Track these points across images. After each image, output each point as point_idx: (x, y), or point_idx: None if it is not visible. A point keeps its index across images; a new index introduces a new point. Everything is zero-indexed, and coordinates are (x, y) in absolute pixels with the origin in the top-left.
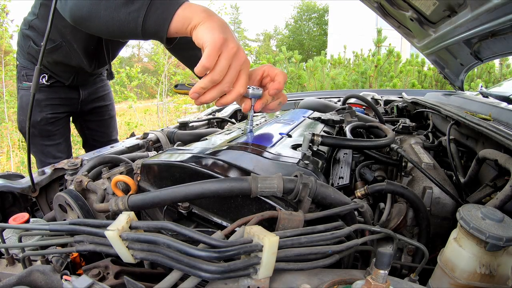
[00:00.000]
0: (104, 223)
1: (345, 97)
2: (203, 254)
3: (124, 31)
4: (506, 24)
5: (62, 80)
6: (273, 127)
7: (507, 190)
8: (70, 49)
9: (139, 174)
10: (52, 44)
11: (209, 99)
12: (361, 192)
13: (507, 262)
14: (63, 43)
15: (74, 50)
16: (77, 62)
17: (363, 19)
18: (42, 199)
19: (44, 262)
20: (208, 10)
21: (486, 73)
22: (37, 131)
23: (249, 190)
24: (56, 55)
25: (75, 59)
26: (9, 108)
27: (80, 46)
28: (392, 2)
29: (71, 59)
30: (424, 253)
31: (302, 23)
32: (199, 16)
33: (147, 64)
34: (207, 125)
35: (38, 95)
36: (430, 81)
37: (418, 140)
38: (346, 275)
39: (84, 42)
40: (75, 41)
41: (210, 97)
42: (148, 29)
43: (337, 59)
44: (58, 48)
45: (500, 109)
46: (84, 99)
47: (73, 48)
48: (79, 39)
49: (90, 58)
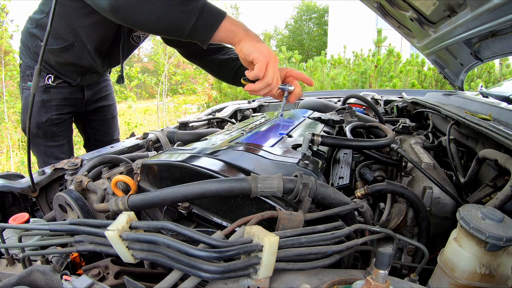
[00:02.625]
0: (104, 223)
1: (345, 97)
2: (203, 254)
3: (172, 28)
4: (506, 24)
5: (69, 81)
6: (273, 127)
7: (507, 190)
8: (83, 49)
9: (139, 174)
10: (64, 44)
11: (262, 94)
12: (361, 192)
13: (507, 262)
14: (75, 43)
15: (87, 50)
16: (89, 62)
17: (363, 19)
18: (42, 199)
19: (44, 262)
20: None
21: (486, 73)
22: (41, 132)
23: (249, 190)
24: (67, 55)
25: (87, 59)
26: (9, 108)
27: (94, 46)
28: (392, 2)
29: (83, 59)
30: (424, 253)
31: (302, 23)
32: (241, 33)
33: (147, 64)
34: (207, 125)
35: (43, 95)
36: (430, 81)
37: (418, 140)
38: (346, 275)
39: (99, 43)
40: (90, 41)
41: (262, 93)
42: (196, 30)
43: (337, 59)
44: (70, 48)
45: (500, 109)
46: (88, 99)
47: (86, 48)
48: (94, 39)
49: (103, 59)
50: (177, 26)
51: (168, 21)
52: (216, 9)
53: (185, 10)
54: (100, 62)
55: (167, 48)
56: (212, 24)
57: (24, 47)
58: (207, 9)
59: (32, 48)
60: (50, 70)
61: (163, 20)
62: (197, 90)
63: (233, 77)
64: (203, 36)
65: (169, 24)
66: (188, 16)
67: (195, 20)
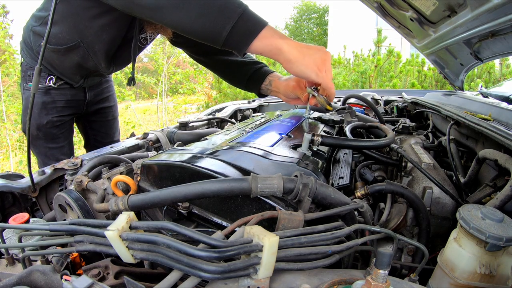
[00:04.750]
0: (104, 223)
1: (345, 97)
2: (203, 254)
3: (207, 32)
4: (506, 24)
5: (71, 82)
6: (273, 127)
7: (507, 190)
8: (89, 50)
9: (139, 174)
10: (69, 44)
11: None
12: (361, 192)
13: (507, 262)
14: (81, 44)
15: (94, 51)
16: (94, 64)
17: (363, 19)
18: (42, 199)
19: (44, 262)
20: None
21: (486, 73)
22: (42, 133)
23: (249, 190)
24: (72, 55)
25: (92, 60)
26: (8, 108)
27: (102, 48)
28: (392, 2)
29: (88, 61)
30: (424, 253)
31: (302, 23)
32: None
33: (147, 64)
34: (207, 125)
35: (44, 97)
36: (430, 81)
37: (418, 140)
38: (346, 275)
39: (107, 45)
40: (98, 42)
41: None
42: (232, 37)
43: (337, 59)
44: (75, 48)
45: (500, 109)
46: (89, 101)
47: (93, 50)
48: (102, 40)
49: (109, 61)
50: (212, 29)
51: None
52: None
53: (223, 13)
54: (106, 64)
55: (166, 48)
56: (251, 31)
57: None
58: (246, 17)
59: (35, 47)
60: (52, 71)
61: (198, 23)
62: (197, 90)
63: (247, 81)
64: (240, 45)
65: (203, 27)
66: (225, 21)
67: (232, 26)
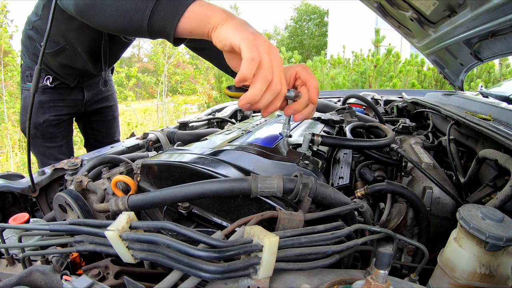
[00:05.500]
0: (104, 223)
1: (345, 97)
2: (203, 254)
3: (130, 24)
4: (506, 24)
5: (67, 82)
6: (273, 127)
7: (507, 190)
8: (74, 52)
9: (139, 174)
10: (56, 47)
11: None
12: (361, 192)
13: (507, 262)
14: (66, 46)
15: (78, 53)
16: (82, 64)
17: (363, 19)
18: (42, 199)
19: (44, 262)
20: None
21: (486, 73)
22: (39, 133)
23: (249, 190)
24: (60, 58)
25: (79, 61)
26: (8, 108)
27: (84, 49)
28: (392, 2)
29: (76, 62)
30: (424, 253)
31: (302, 24)
32: (219, 15)
33: (147, 64)
34: (207, 125)
35: (41, 96)
36: (430, 81)
37: (418, 140)
38: (346, 275)
39: (88, 45)
40: (78, 44)
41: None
42: (155, 23)
43: (336, 59)
44: (62, 51)
45: (500, 109)
46: (88, 100)
47: (77, 51)
48: (82, 41)
49: (95, 61)
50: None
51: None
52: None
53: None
54: (92, 64)
55: (166, 48)
56: (174, 12)
57: (24, 48)
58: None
59: (31, 49)
60: (49, 72)
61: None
62: (197, 90)
63: None
64: (166, 29)
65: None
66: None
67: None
